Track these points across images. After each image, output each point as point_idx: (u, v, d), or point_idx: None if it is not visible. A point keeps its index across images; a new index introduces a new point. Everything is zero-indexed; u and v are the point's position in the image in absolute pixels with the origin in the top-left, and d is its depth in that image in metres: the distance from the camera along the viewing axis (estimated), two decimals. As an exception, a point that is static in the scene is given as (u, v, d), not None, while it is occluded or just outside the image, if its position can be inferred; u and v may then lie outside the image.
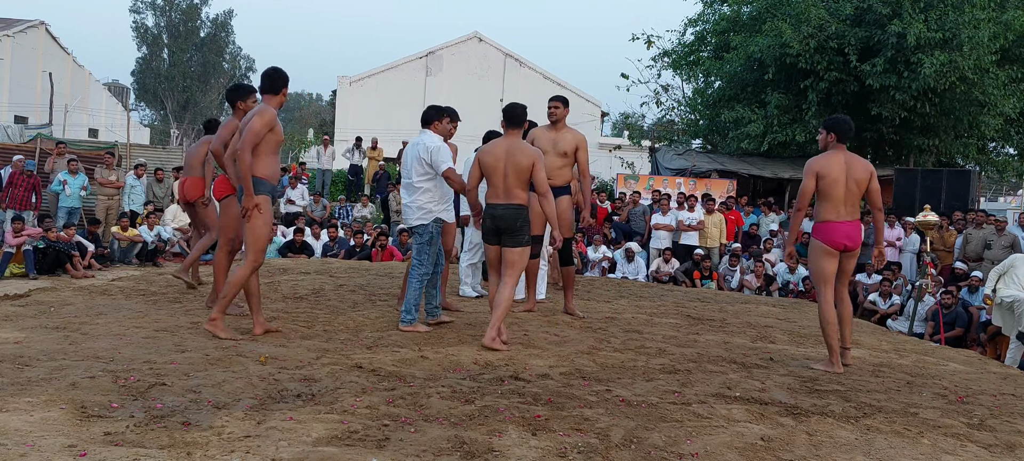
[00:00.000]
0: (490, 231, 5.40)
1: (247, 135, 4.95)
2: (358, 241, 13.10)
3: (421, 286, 5.66)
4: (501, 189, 5.32)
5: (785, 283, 12.22)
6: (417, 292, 5.64)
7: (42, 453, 2.81)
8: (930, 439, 3.66)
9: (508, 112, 5.46)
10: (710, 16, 20.27)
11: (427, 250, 5.64)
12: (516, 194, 5.30)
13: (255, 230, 5.05)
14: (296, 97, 67.87)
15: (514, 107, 5.48)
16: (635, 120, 25.06)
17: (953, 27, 14.77)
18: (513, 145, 5.33)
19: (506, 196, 5.30)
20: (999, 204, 34.93)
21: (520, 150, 5.29)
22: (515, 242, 5.30)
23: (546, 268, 7.47)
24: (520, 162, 5.25)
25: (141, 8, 48.43)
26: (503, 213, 5.30)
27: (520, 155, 5.26)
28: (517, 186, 5.29)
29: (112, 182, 13.35)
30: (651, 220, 13.83)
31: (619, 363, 4.87)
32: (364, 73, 32.30)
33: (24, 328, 5.17)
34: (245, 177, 4.93)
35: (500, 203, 5.31)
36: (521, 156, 5.26)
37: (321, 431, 3.22)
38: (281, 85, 5.21)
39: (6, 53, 30.85)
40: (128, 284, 7.87)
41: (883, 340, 6.87)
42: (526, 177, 5.28)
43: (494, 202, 5.35)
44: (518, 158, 5.26)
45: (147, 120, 49.40)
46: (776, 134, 16.97)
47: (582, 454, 3.13)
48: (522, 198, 5.31)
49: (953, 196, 14.33)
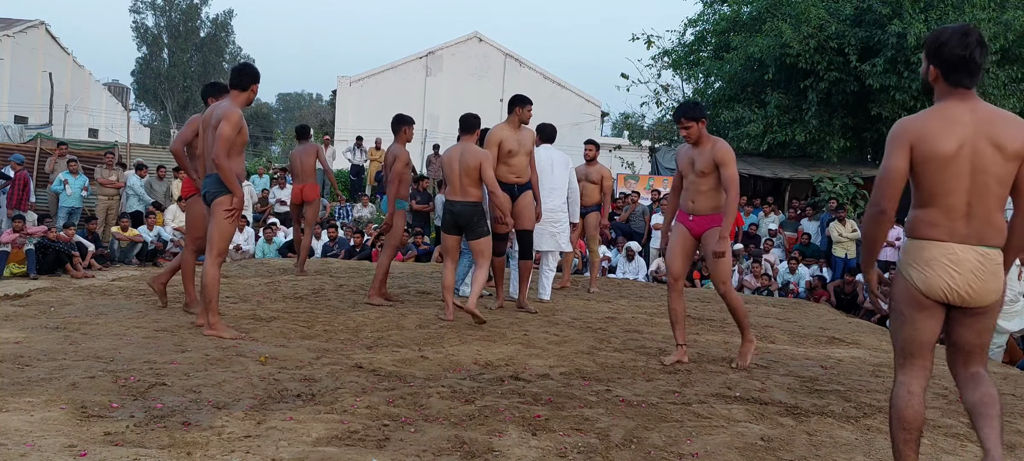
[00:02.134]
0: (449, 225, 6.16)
1: (219, 142, 4.98)
2: (358, 241, 13.10)
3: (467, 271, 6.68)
4: (458, 187, 6.04)
5: (785, 283, 12.22)
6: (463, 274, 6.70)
7: (42, 453, 2.81)
8: (930, 439, 3.66)
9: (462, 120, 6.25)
10: (710, 16, 20.26)
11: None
12: (470, 192, 6.03)
13: (222, 226, 5.11)
14: (296, 97, 67.89)
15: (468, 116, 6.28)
16: (635, 120, 25.04)
17: (953, 27, 14.75)
18: (466, 148, 6.06)
19: (462, 194, 6.04)
20: (999, 204, 34.91)
21: (470, 152, 6.03)
22: (475, 235, 6.08)
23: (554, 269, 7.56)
24: (469, 163, 5.98)
25: (141, 8, 48.49)
26: (460, 209, 6.04)
27: (469, 157, 6.01)
28: (471, 185, 6.02)
29: (112, 182, 13.34)
30: (651, 220, 13.83)
31: (619, 363, 4.87)
32: (364, 73, 32.29)
33: (24, 328, 5.17)
34: (229, 181, 5.01)
35: (458, 200, 6.05)
36: (470, 158, 6.00)
37: (321, 431, 3.22)
38: (250, 81, 5.21)
39: (6, 53, 30.85)
40: (128, 284, 7.88)
41: (883, 340, 6.86)
42: (476, 176, 6.01)
43: (452, 198, 6.10)
44: (468, 160, 5.99)
45: (147, 120, 49.42)
46: (776, 134, 16.97)
47: (582, 454, 3.13)
48: (476, 195, 6.06)
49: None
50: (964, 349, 2.84)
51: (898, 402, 2.79)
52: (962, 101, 2.72)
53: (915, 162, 2.70)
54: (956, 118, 2.69)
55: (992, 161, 2.65)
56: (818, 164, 17.21)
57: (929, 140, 2.68)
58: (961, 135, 2.67)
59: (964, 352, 2.84)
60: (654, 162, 20.12)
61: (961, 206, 2.67)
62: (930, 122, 2.71)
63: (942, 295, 2.70)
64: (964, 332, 2.80)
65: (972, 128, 2.67)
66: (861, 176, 16.39)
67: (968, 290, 2.68)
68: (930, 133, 2.68)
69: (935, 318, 2.75)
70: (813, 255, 12.94)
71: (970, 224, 2.68)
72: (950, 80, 2.74)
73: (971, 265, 2.67)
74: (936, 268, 2.68)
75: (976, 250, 2.68)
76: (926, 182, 2.70)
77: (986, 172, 2.66)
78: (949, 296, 2.70)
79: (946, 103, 2.74)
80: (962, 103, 2.72)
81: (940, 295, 2.71)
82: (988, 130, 2.67)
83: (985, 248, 2.68)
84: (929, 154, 2.67)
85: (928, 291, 2.71)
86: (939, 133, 2.67)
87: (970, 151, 2.66)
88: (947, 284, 2.68)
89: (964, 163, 2.66)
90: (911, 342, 2.78)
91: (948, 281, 2.68)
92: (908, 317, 2.76)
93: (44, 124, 25.80)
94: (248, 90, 5.21)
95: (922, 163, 2.69)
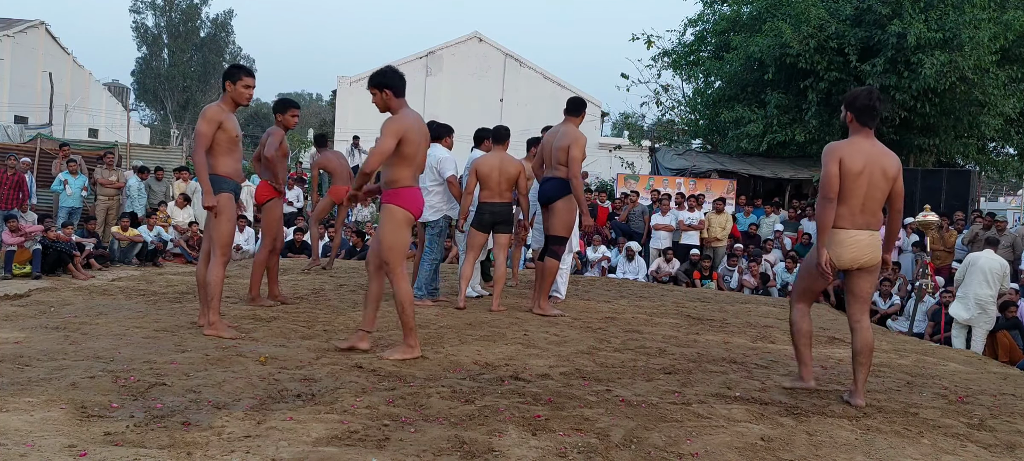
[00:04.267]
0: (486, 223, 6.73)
1: (196, 139, 5.06)
2: (358, 241, 13.10)
3: (431, 269, 6.88)
4: (496, 190, 6.64)
5: (784, 283, 12.22)
6: (427, 273, 6.87)
7: (42, 453, 2.81)
8: (930, 439, 3.66)
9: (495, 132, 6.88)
10: (710, 16, 20.26)
11: (437, 240, 6.90)
12: (506, 195, 6.69)
13: (221, 228, 5.12)
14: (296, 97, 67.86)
15: (500, 129, 6.90)
16: (635, 120, 25.03)
17: (953, 27, 14.76)
18: (504, 158, 6.70)
19: (500, 196, 6.67)
20: (999, 204, 34.93)
21: (509, 162, 6.69)
22: (506, 230, 6.76)
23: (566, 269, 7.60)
24: (509, 171, 6.65)
25: (141, 8, 48.45)
26: (499, 209, 6.68)
27: (509, 165, 6.68)
28: (507, 189, 6.67)
29: (112, 182, 13.34)
30: (651, 220, 13.83)
31: (619, 363, 4.87)
32: (364, 73, 32.24)
33: (24, 328, 5.17)
34: (201, 177, 5.05)
35: (496, 201, 6.66)
36: (510, 166, 6.68)
37: (321, 431, 3.22)
38: (227, 80, 5.22)
39: (6, 53, 30.85)
40: (128, 284, 7.88)
41: (883, 340, 6.86)
42: (513, 182, 6.70)
43: (490, 200, 6.67)
44: (508, 168, 6.65)
45: (147, 120, 49.38)
46: (776, 134, 16.98)
47: (582, 454, 3.13)
48: (510, 197, 6.72)
49: (953, 196, 14.33)
50: (859, 297, 4.24)
51: (799, 321, 4.39)
52: (866, 137, 4.16)
53: (842, 172, 4.06)
54: (862, 149, 4.10)
55: (880, 179, 4.09)
56: (818, 164, 17.19)
57: (847, 160, 4.06)
58: (864, 160, 4.07)
59: (859, 299, 4.24)
60: (654, 162, 20.11)
61: (859, 206, 4.10)
62: (848, 148, 4.10)
63: (852, 263, 4.14)
64: (859, 283, 4.22)
65: (871, 157, 4.09)
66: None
67: (865, 258, 4.14)
68: (848, 155, 4.07)
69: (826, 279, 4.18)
70: (813, 255, 12.91)
71: (863, 217, 4.11)
72: (859, 121, 4.15)
73: (864, 242, 4.12)
74: (850, 247, 4.12)
75: (868, 233, 4.13)
76: (842, 188, 4.08)
77: (875, 186, 4.09)
78: (854, 263, 4.15)
79: (856, 137, 4.17)
80: (866, 139, 4.16)
81: (847, 264, 4.15)
82: (879, 160, 4.10)
83: (871, 231, 4.14)
84: (846, 170, 4.06)
85: (840, 263, 4.14)
86: (853, 156, 4.07)
87: (868, 171, 4.07)
88: (855, 255, 4.13)
89: (864, 178, 4.07)
90: (811, 289, 4.40)
91: (856, 253, 4.12)
92: (816, 275, 4.22)
93: (44, 124, 25.80)
94: (235, 86, 5.21)
95: (845, 174, 4.06)
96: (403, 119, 4.57)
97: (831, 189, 4.06)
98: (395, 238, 4.61)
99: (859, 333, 4.17)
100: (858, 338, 4.17)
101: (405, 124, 4.54)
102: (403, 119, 4.57)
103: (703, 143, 20.84)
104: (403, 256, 4.67)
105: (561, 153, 6.36)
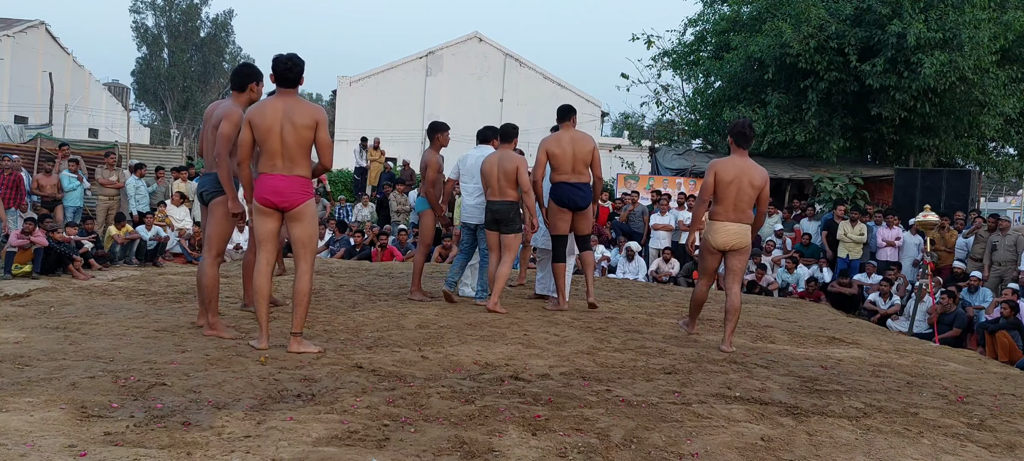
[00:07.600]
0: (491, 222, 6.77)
1: (220, 141, 4.89)
2: (358, 240, 13.10)
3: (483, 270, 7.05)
4: (496, 189, 6.65)
5: (784, 284, 12.22)
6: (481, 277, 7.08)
7: (42, 453, 2.81)
8: (930, 439, 3.66)
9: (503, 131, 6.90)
10: (710, 16, 20.26)
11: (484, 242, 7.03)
12: (508, 193, 6.64)
13: (219, 227, 5.07)
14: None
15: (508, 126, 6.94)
16: (635, 120, 25.05)
17: (953, 27, 14.76)
18: (504, 154, 6.70)
19: (500, 195, 6.65)
20: (999, 204, 34.94)
21: (508, 158, 6.66)
22: (510, 230, 6.71)
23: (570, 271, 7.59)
24: (507, 168, 6.61)
25: (141, 8, 48.43)
26: (499, 207, 6.67)
27: (507, 162, 6.64)
28: (508, 187, 6.63)
29: (112, 182, 13.33)
30: (650, 220, 13.83)
31: (619, 363, 4.87)
32: (364, 73, 32.29)
33: (24, 328, 5.17)
34: (225, 182, 4.91)
35: (497, 200, 6.67)
36: (508, 163, 6.63)
37: (321, 431, 3.21)
38: (247, 81, 5.14)
39: (6, 53, 30.85)
40: (128, 284, 7.88)
41: (883, 340, 6.86)
42: (513, 179, 6.62)
43: (492, 199, 6.70)
44: (506, 165, 6.62)
45: (147, 120, 49.38)
46: (776, 134, 16.97)
47: (582, 454, 3.13)
48: (513, 196, 6.66)
49: (953, 196, 14.31)
50: (732, 270, 5.61)
51: (699, 292, 5.88)
52: (740, 155, 5.55)
53: (716, 181, 5.47)
54: (735, 164, 5.50)
55: (747, 187, 5.48)
56: (818, 164, 17.20)
57: (721, 172, 5.46)
58: (735, 172, 5.46)
59: (732, 272, 5.61)
60: (654, 162, 20.10)
61: (731, 205, 5.48)
62: (725, 163, 5.50)
63: (724, 246, 5.54)
64: (732, 261, 5.59)
65: (742, 170, 5.47)
66: (861, 176, 16.38)
67: (734, 242, 5.52)
68: (722, 169, 5.47)
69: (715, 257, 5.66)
70: (813, 255, 12.94)
71: (735, 213, 5.50)
72: (737, 143, 5.57)
73: (734, 231, 5.51)
74: (721, 234, 5.53)
75: (737, 225, 5.52)
76: (717, 192, 5.50)
77: (743, 191, 5.46)
78: (726, 246, 5.55)
79: (733, 155, 5.57)
80: (740, 157, 5.55)
81: (723, 246, 5.55)
82: (748, 172, 5.48)
83: (741, 224, 5.53)
84: (720, 179, 5.46)
85: (717, 245, 5.56)
86: (726, 169, 5.47)
87: (737, 181, 5.44)
88: (725, 240, 5.53)
89: (734, 186, 5.44)
90: (710, 267, 5.74)
91: (726, 239, 5.52)
92: (708, 258, 5.67)
93: (44, 124, 25.77)
94: (247, 90, 5.14)
95: (719, 183, 5.47)
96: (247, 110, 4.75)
97: (705, 192, 5.55)
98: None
99: (730, 297, 5.51)
100: (728, 300, 5.51)
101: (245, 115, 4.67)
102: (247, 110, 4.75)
103: (703, 143, 20.83)
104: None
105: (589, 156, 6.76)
